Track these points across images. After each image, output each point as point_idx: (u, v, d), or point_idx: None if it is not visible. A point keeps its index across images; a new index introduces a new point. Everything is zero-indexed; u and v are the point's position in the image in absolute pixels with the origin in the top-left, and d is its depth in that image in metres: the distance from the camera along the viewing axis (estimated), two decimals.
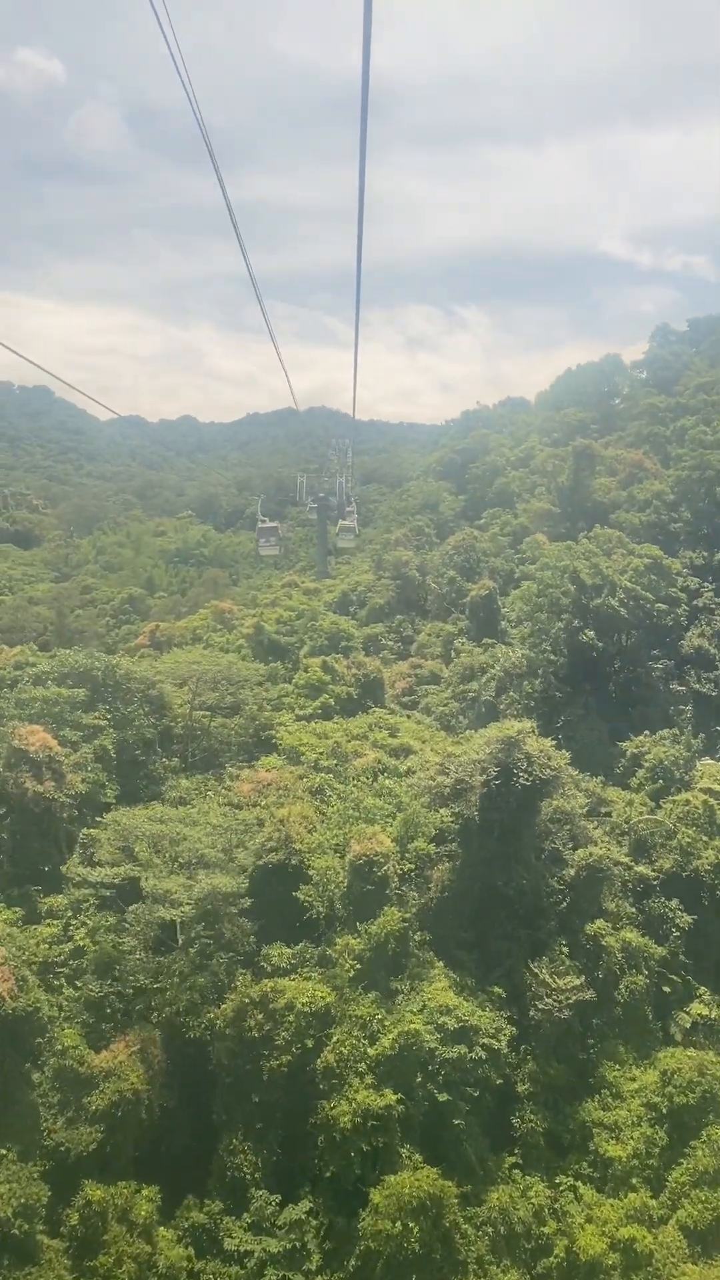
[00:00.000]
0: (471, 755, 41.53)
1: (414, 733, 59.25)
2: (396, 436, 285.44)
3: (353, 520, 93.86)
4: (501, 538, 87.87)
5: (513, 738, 41.04)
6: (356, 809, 42.84)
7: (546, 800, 42.89)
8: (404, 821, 40.75)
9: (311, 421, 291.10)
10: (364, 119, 10.24)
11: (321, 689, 62.43)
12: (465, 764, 41.62)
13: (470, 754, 41.85)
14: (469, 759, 41.63)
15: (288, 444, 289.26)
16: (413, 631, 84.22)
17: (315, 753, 52.46)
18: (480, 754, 41.11)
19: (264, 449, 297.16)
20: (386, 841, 39.23)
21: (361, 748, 53.89)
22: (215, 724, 60.03)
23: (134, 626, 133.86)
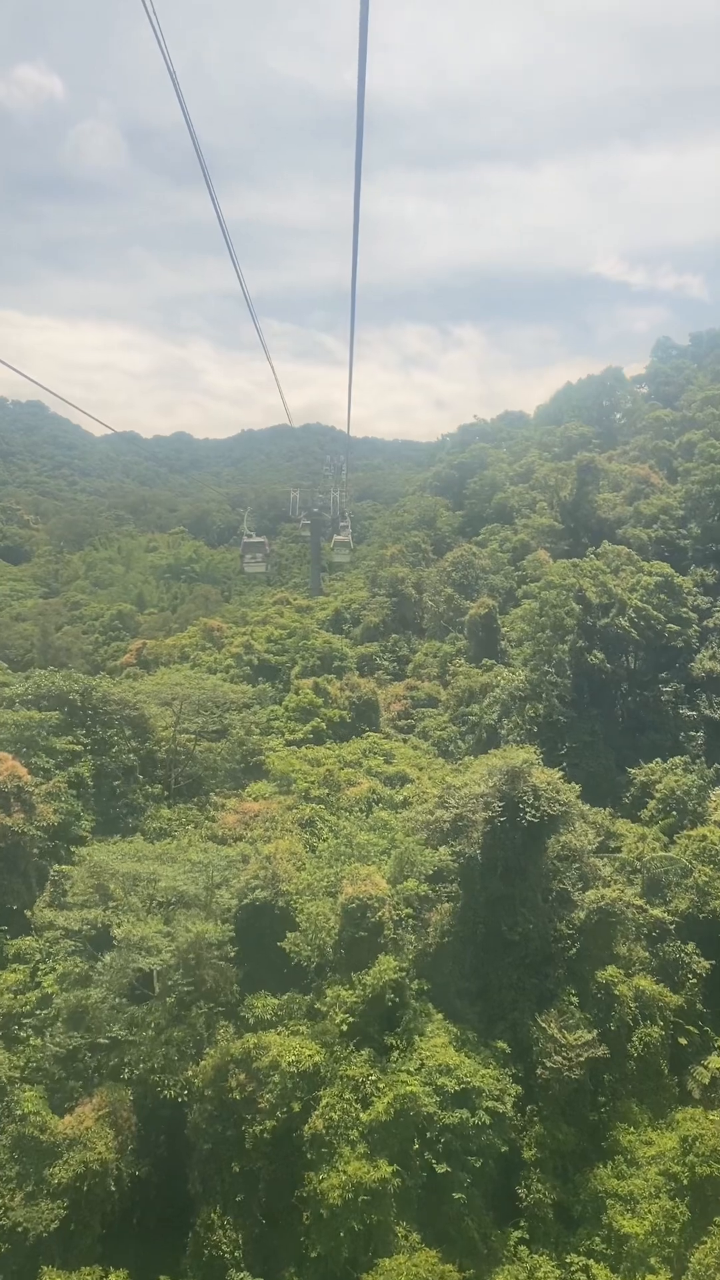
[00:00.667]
0: (473, 788, 38.52)
1: (410, 759, 56.32)
2: (391, 453, 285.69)
3: (347, 535, 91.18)
4: (501, 554, 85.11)
5: (518, 769, 38.10)
6: (349, 845, 39.84)
7: (554, 836, 39.84)
8: (399, 860, 37.68)
9: (306, 438, 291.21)
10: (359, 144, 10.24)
11: (313, 712, 59.48)
12: (466, 797, 38.66)
13: (472, 786, 38.84)
14: (470, 792, 38.66)
15: (282, 460, 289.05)
16: (409, 651, 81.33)
17: (306, 781, 49.49)
18: (482, 787, 38.15)
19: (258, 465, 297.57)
20: (381, 883, 36.19)
21: (355, 776, 50.95)
22: (201, 748, 57.06)
23: (123, 644, 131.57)
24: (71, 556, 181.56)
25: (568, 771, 55.94)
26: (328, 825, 46.49)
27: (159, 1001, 35.49)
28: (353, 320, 21.06)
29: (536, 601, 68.08)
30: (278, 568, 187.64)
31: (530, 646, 66.24)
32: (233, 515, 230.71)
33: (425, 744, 62.03)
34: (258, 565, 49.82)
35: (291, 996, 36.26)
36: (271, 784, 50.67)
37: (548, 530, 78.91)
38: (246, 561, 50.51)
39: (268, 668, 78.54)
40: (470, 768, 57.84)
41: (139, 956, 33.20)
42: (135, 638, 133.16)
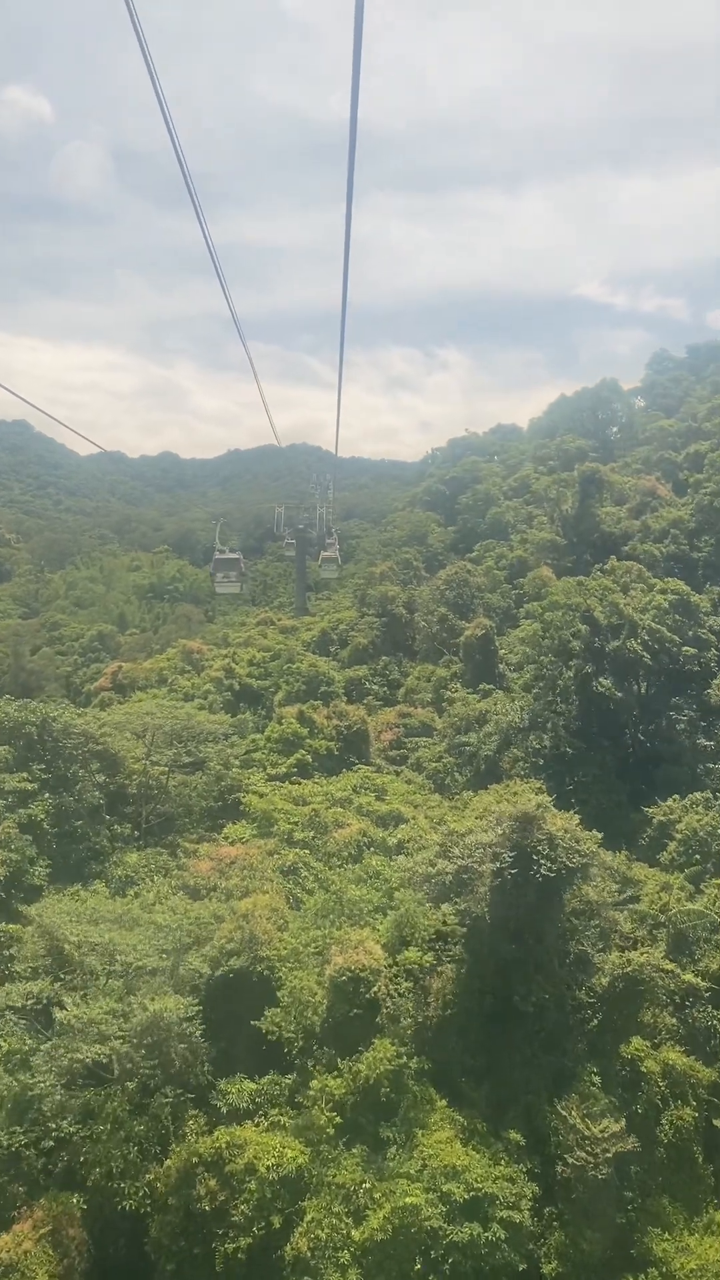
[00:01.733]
0: (479, 836, 33.77)
1: (404, 795, 51.57)
2: (378, 473, 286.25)
3: (334, 551, 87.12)
4: (497, 572, 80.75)
5: (530, 814, 33.38)
6: (338, 902, 34.98)
7: (572, 889, 35.10)
8: (397, 923, 32.87)
9: (293, 458, 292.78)
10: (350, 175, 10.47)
11: (297, 743, 54.72)
12: (472, 847, 33.87)
13: (478, 834, 34.09)
14: (476, 841, 33.88)
15: (269, 480, 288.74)
16: (400, 674, 76.71)
17: (289, 822, 44.67)
18: (490, 835, 33.40)
19: (245, 485, 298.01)
20: (376, 951, 31.40)
21: (344, 815, 46.16)
22: (175, 782, 52.28)
23: (102, 665, 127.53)
24: (52, 576, 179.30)
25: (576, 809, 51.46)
26: (314, 873, 41.74)
27: (118, 1086, 30.56)
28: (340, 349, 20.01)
29: (538, 622, 63.62)
30: (262, 586, 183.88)
31: (531, 671, 61.77)
32: None
33: (419, 777, 57.32)
34: (231, 585, 43.72)
35: (273, 1078, 31.39)
36: (251, 825, 45.87)
37: (549, 545, 74.60)
38: (219, 581, 44.32)
39: (249, 693, 73.83)
40: (469, 804, 53.20)
41: (84, 1046, 28.20)
42: (115, 659, 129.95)
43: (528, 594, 74.55)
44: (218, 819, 50.77)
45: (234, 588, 42.65)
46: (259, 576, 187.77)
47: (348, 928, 34.01)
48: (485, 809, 50.70)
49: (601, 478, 78.26)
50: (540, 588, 66.58)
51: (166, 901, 37.92)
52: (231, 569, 41.83)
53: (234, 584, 42.39)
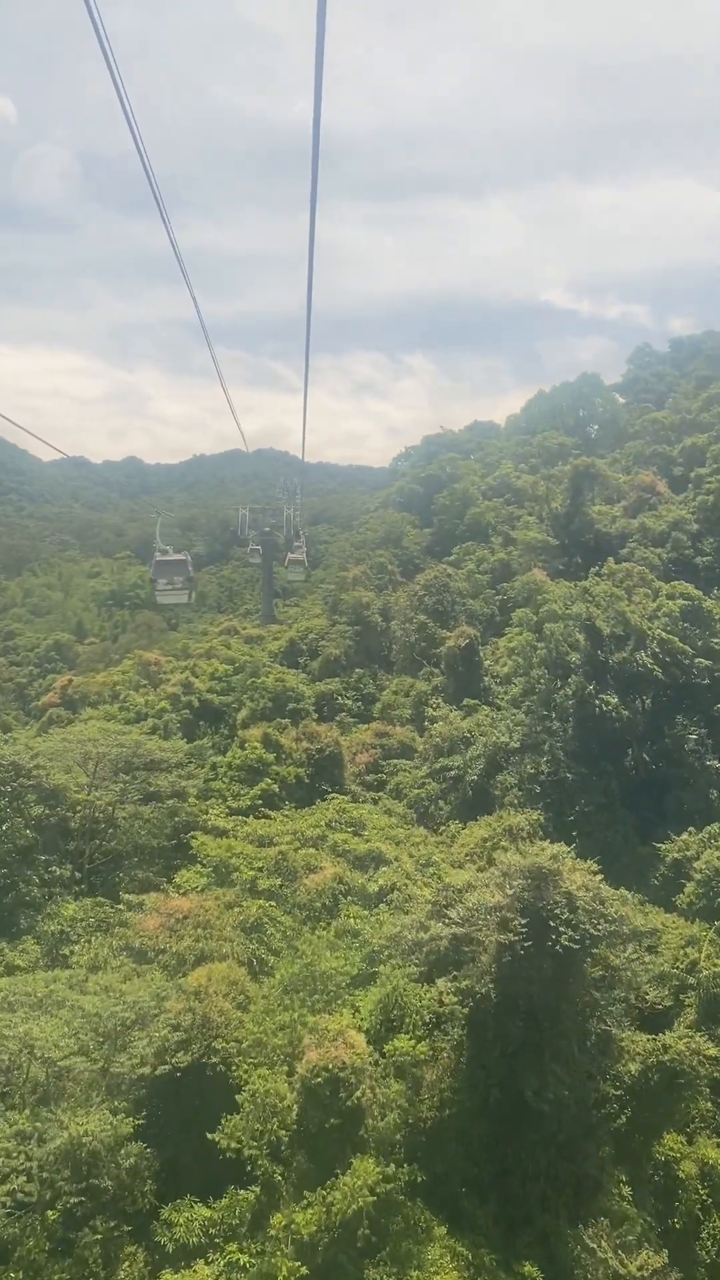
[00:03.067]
0: (482, 897, 27.88)
1: (384, 829, 45.60)
2: (346, 477, 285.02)
3: (302, 553, 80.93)
4: (480, 576, 75.04)
5: (545, 869, 27.55)
6: (310, 975, 28.91)
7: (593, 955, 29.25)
8: (384, 1006, 26.88)
9: (260, 463, 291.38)
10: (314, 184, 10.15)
11: (262, 771, 48.64)
12: (473, 910, 27.93)
13: (480, 894, 28.20)
14: (478, 903, 27.95)
15: (236, 485, 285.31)
16: (375, 688, 70.81)
17: (252, 868, 38.49)
18: (495, 895, 27.47)
19: (211, 490, 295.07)
20: (358, 1043, 25.39)
21: (316, 857, 40.08)
22: (125, 814, 45.90)
23: (58, 676, 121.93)
24: (8, 583, 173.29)
25: (577, 842, 45.80)
26: (281, 930, 35.69)
27: (37, 1215, 24.32)
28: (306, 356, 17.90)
29: (528, 631, 58.00)
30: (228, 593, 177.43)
31: (521, 684, 56.13)
32: (183, 539, 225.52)
33: (400, 806, 51.44)
34: (176, 593, 34.02)
35: (231, 1201, 25.23)
36: (206, 870, 39.67)
37: (539, 547, 68.90)
38: (161, 589, 34.66)
39: (210, 710, 67.59)
40: (457, 837, 47.38)
41: None
42: (71, 670, 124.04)
43: (515, 600, 68.95)
44: (171, 859, 44.54)
45: (179, 597, 33.87)
46: (224, 583, 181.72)
47: (322, 1009, 27.98)
48: (477, 844, 44.93)
49: (595, 473, 72.77)
50: (533, 593, 60.95)
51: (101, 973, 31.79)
52: (177, 573, 33.60)
53: (179, 592, 33.50)
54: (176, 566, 34.29)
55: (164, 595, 34.71)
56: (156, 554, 34.89)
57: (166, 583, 34.01)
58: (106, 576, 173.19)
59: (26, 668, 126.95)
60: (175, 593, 34.38)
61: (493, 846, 44.16)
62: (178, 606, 38.76)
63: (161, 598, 35.08)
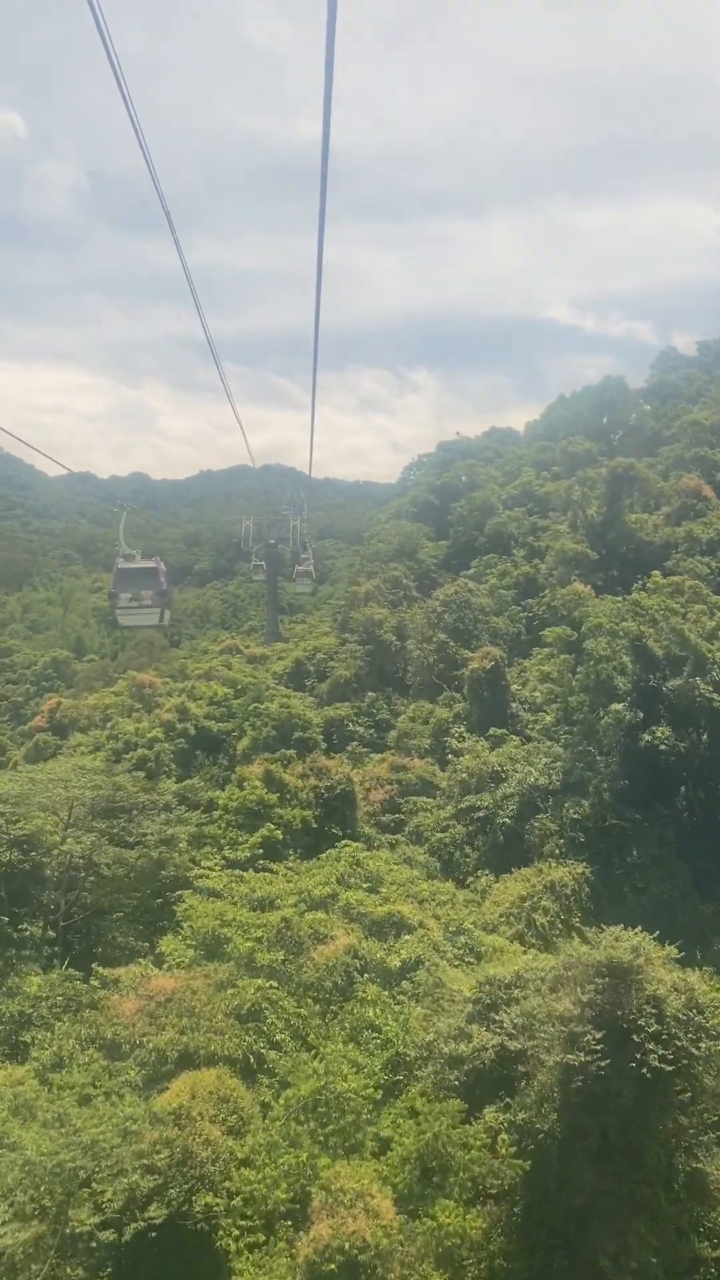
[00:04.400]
0: (546, 1003, 21.79)
1: (404, 884, 39.51)
2: (352, 493, 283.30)
3: (309, 565, 75.65)
4: (504, 591, 69.04)
5: (624, 966, 21.46)
6: (323, 1098, 22.84)
7: None
8: (421, 1158, 20.78)
9: (266, 478, 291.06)
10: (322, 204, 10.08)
11: (263, 814, 42.55)
12: (530, 1018, 21.86)
13: (542, 1000, 22.08)
14: (538, 1010, 21.87)
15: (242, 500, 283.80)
16: (389, 714, 64.79)
17: (250, 938, 32.42)
18: (565, 1002, 21.40)
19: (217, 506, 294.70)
20: (384, 1210, 19.42)
21: (326, 923, 34.02)
22: (108, 859, 39.86)
23: (56, 695, 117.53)
24: (8, 598, 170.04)
25: (629, 899, 39.70)
26: (284, 1019, 29.71)
27: None
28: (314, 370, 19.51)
29: (560, 653, 51.99)
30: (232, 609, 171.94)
31: (555, 712, 50.12)
32: (188, 554, 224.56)
33: (422, 852, 45.33)
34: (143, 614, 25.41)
35: None
36: (194, 940, 33.60)
37: (574, 558, 62.78)
38: (122, 606, 25.86)
39: (207, 738, 61.65)
40: (490, 891, 41.32)
41: None
42: (70, 688, 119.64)
43: (543, 617, 62.93)
44: (157, 920, 38.52)
45: (146, 617, 25.82)
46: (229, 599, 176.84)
47: (337, 1143, 21.93)
48: (514, 903, 38.91)
49: (634, 476, 66.74)
50: (575, 607, 54.89)
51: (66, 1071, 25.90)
52: (144, 585, 25.57)
53: (147, 611, 25.45)
54: (144, 577, 26.40)
55: (127, 615, 26.85)
56: (119, 560, 27.38)
57: (130, 598, 26.24)
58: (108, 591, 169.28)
59: (23, 686, 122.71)
60: (141, 612, 26.44)
61: (533, 907, 38.18)
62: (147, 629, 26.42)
63: (124, 618, 27.16)
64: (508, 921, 37.87)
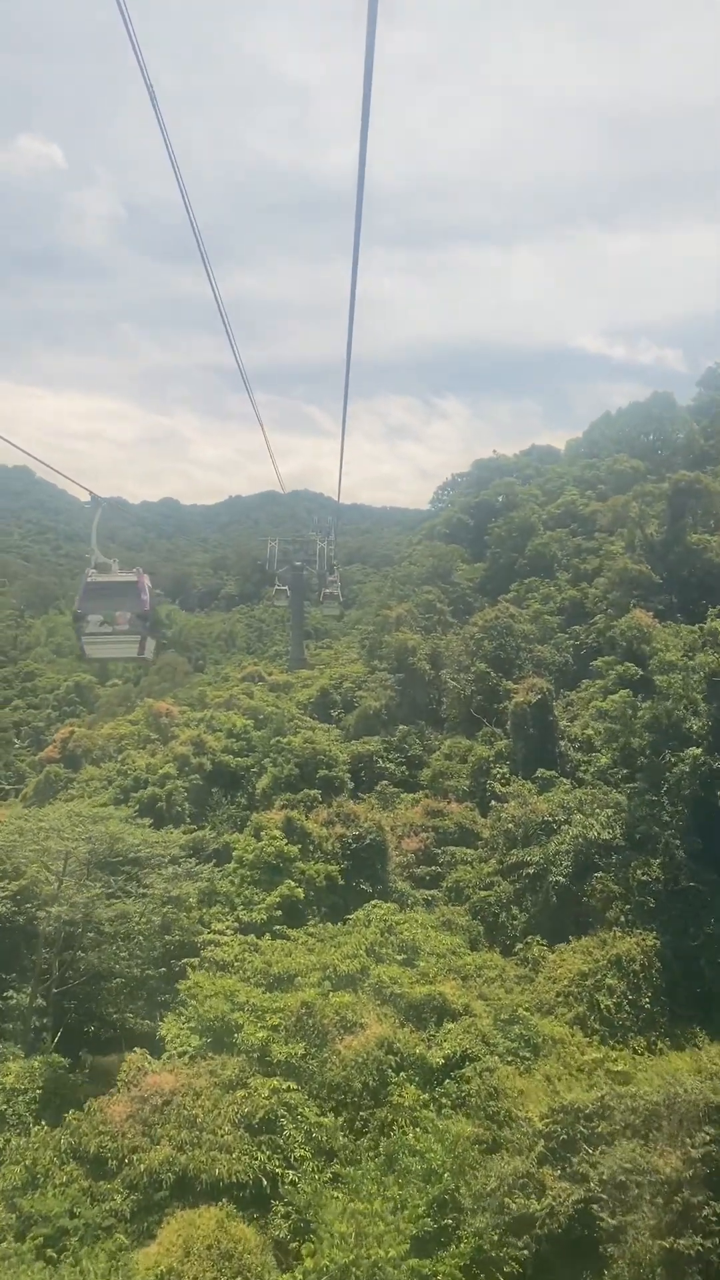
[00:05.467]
0: (635, 1154, 16.74)
1: (443, 954, 34.38)
2: (380, 518, 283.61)
3: (336, 588, 71.13)
4: (549, 618, 63.92)
5: None
6: (353, 1251, 17.86)
7: None
8: None
9: (295, 504, 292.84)
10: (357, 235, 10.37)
11: (283, 869, 37.57)
12: (620, 1171, 16.81)
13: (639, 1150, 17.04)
14: (631, 1160, 16.83)
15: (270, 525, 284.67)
16: (422, 749, 59.67)
17: (264, 1025, 27.48)
18: (666, 1160, 16.32)
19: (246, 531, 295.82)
20: None
21: (354, 1008, 29.01)
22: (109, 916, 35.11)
23: (79, 720, 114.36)
24: (34, 621, 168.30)
25: (708, 976, 34.40)
26: (303, 1131, 24.85)
27: None
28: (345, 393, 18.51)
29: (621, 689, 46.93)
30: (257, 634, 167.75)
31: (612, 754, 44.99)
32: (214, 579, 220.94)
33: (462, 913, 40.13)
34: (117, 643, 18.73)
35: None
36: (199, 1025, 28.63)
37: (632, 581, 57.49)
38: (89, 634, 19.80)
39: (224, 774, 56.85)
40: (543, 964, 36.13)
41: None
42: (91, 713, 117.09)
43: (598, 644, 57.86)
44: (159, 993, 33.64)
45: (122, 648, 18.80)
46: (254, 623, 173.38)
47: None
48: (573, 980, 33.70)
49: (700, 490, 61.38)
50: (638, 637, 49.77)
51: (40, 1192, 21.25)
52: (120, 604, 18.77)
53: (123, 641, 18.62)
54: (120, 594, 19.60)
55: (97, 644, 20.02)
56: (88, 572, 21.16)
57: (102, 622, 19.84)
58: None
59: (45, 710, 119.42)
60: (116, 641, 19.51)
61: (595, 986, 32.96)
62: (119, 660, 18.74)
63: (93, 648, 20.35)
64: (566, 1002, 32.67)
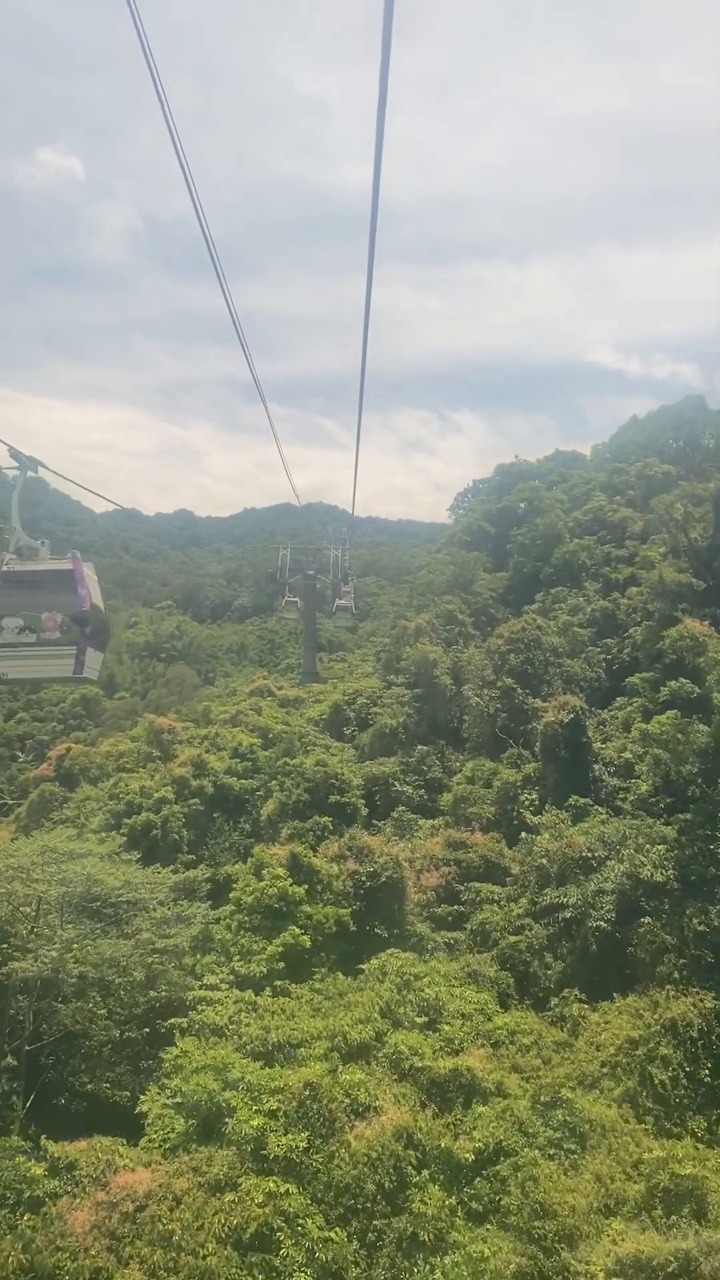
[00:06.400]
0: None
1: (472, 1015, 29.91)
2: (395, 531, 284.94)
3: (349, 599, 67.35)
4: (579, 630, 59.48)
5: None
6: None
7: None
8: None
9: (309, 515, 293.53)
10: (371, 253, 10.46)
11: (287, 913, 33.20)
12: None
13: None
14: None
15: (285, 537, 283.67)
16: (442, 772, 55.31)
17: (259, 1109, 23.16)
18: None
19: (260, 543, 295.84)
20: None
21: (367, 1087, 24.59)
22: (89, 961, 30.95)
23: (84, 734, 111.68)
24: None
25: None
26: (304, 1251, 20.56)
27: None
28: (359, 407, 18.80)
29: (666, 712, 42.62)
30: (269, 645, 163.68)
31: (654, 781, 40.61)
32: (227, 590, 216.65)
33: (489, 963, 35.61)
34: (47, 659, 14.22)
35: None
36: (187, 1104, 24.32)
37: (674, 589, 52.93)
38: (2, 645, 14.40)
39: (227, 798, 52.77)
40: (584, 1025, 31.71)
41: None
42: (98, 727, 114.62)
43: (636, 659, 53.49)
44: (142, 1058, 29.37)
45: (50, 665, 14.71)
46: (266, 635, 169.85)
47: None
48: (621, 1048, 29.29)
49: None
50: (688, 650, 45.27)
51: None
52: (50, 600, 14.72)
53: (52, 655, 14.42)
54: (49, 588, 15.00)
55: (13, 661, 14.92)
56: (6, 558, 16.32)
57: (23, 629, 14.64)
58: (143, 626, 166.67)
59: (50, 724, 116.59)
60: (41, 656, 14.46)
61: (648, 1056, 28.52)
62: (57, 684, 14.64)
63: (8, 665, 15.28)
64: (613, 1074, 28.24)
